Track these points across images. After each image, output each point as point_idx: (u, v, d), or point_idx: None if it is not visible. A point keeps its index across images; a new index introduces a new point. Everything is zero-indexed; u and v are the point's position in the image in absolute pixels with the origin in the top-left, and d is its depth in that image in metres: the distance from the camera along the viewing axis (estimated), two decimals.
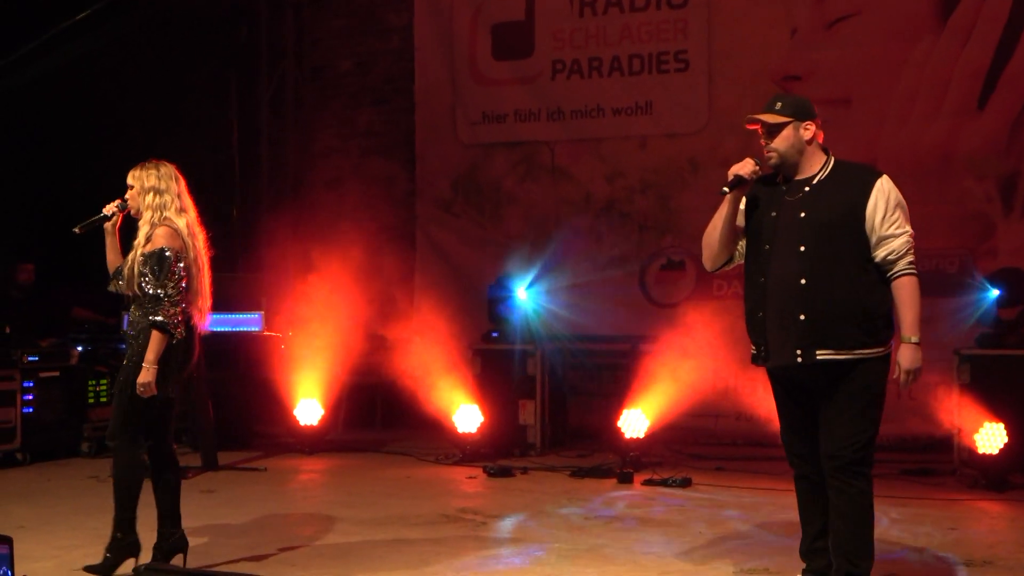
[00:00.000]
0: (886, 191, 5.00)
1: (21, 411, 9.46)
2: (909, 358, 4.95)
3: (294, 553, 6.45)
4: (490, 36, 11.89)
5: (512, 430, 10.01)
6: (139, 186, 5.88)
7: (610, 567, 6.07)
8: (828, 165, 5.12)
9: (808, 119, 5.11)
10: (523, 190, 11.77)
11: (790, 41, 10.63)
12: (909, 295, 4.93)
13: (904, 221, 4.97)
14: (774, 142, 5.12)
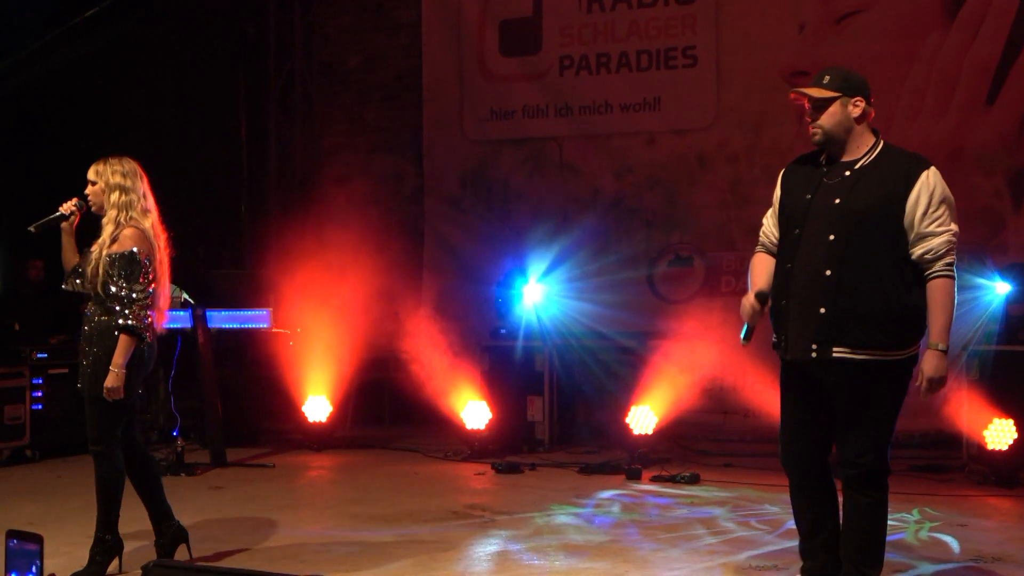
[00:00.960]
0: (932, 184, 4.69)
1: (30, 408, 9.48)
2: (933, 365, 4.67)
3: (303, 549, 6.46)
4: (498, 32, 11.87)
5: (520, 426, 10.01)
6: (103, 183, 5.82)
7: (618, 563, 6.07)
8: (876, 149, 4.82)
9: (858, 95, 4.84)
10: (531, 186, 11.76)
11: (798, 37, 10.60)
12: (942, 299, 4.65)
13: (948, 219, 4.68)
14: (820, 118, 4.85)
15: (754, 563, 6.03)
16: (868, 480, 4.77)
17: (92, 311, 5.86)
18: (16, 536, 2.83)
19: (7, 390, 9.36)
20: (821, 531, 4.99)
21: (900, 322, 4.66)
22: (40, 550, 2.84)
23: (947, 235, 4.67)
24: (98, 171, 5.85)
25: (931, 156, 4.98)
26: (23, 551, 2.76)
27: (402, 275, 12.31)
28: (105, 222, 5.81)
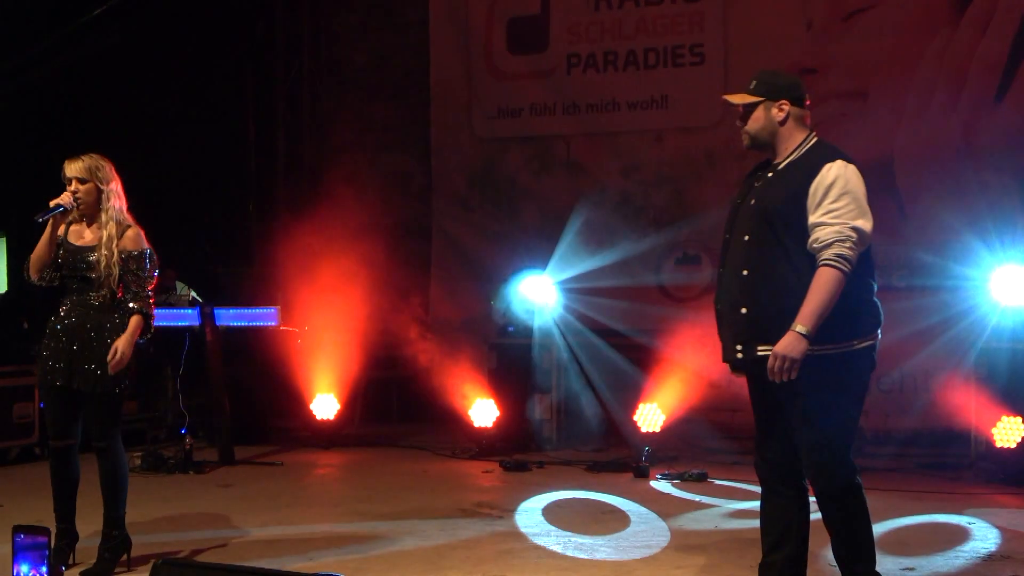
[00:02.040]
0: (831, 177, 4.58)
1: (39, 406, 9.50)
2: (785, 343, 4.48)
3: (311, 547, 6.47)
4: (506, 30, 11.87)
5: (528, 424, 10.01)
6: (96, 181, 5.84)
7: (626, 561, 6.07)
8: (801, 149, 4.77)
9: (783, 98, 4.78)
10: (539, 184, 11.76)
11: (806, 34, 10.58)
12: (818, 285, 4.48)
13: (848, 213, 4.53)
14: (747, 124, 4.84)
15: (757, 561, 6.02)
16: (825, 478, 4.65)
17: (85, 308, 5.83)
18: (23, 530, 2.85)
19: (16, 389, 9.39)
20: (785, 544, 4.83)
21: (838, 314, 4.53)
22: (48, 542, 2.85)
23: (840, 227, 4.51)
24: (90, 169, 5.85)
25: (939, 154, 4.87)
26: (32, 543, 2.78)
27: (410, 273, 12.33)
28: (105, 220, 5.83)
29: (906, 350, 9.65)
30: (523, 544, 6.52)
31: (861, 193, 4.62)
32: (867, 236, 4.58)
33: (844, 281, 4.50)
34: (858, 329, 4.62)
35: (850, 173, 4.64)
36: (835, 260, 4.49)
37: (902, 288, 10.00)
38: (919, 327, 9.64)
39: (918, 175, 10.08)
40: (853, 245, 4.52)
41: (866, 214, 4.60)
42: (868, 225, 4.59)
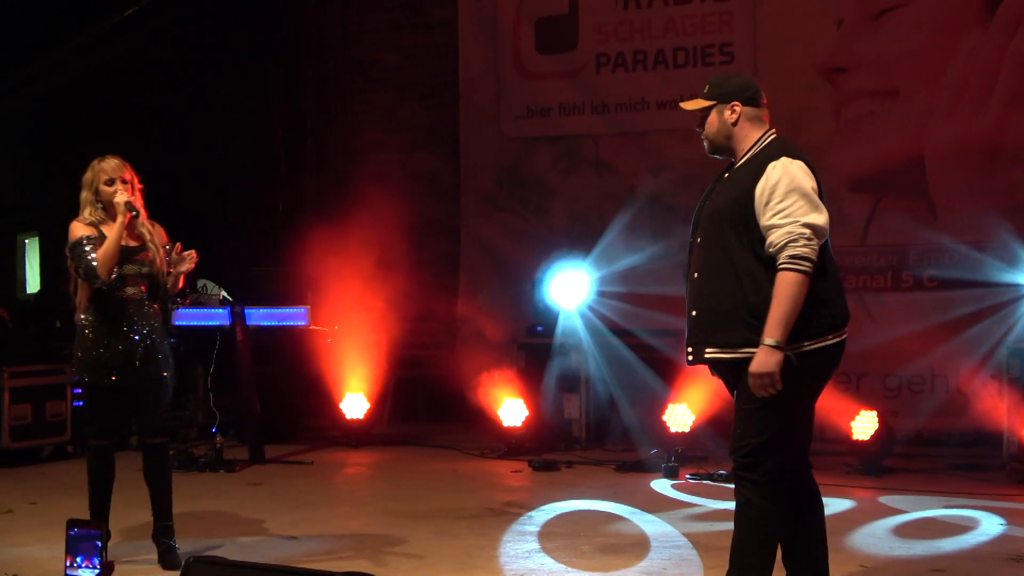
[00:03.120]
0: (776, 177, 4.49)
1: (72, 404, 9.57)
2: (757, 361, 4.42)
3: (340, 545, 6.49)
4: (534, 30, 11.87)
5: (557, 424, 10.02)
6: (135, 183, 5.95)
7: (655, 561, 6.07)
8: (756, 148, 4.69)
9: (733, 99, 4.72)
10: (567, 184, 11.76)
11: (836, 33, 10.54)
12: (778, 290, 4.40)
13: (796, 210, 4.44)
14: (704, 128, 4.82)
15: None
16: (739, 475, 4.59)
17: (139, 304, 5.92)
18: (77, 524, 2.88)
19: (48, 387, 9.44)
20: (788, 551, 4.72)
21: (761, 320, 4.44)
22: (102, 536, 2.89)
23: (789, 226, 4.42)
24: (130, 170, 5.93)
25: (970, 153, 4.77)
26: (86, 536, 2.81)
27: (438, 272, 12.35)
28: (142, 220, 5.92)
29: (936, 350, 9.62)
30: (552, 544, 6.52)
31: (810, 188, 4.51)
32: (822, 230, 4.47)
33: (806, 280, 4.41)
34: (805, 331, 4.48)
35: (795, 169, 4.53)
36: (790, 262, 4.41)
37: (932, 288, 9.97)
38: (950, 327, 9.60)
39: (949, 174, 10.03)
40: (807, 242, 4.42)
41: (817, 208, 4.48)
42: (821, 219, 4.47)
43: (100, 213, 5.93)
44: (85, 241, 5.82)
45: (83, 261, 5.79)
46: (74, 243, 5.85)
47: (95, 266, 5.77)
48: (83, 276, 5.84)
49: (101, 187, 5.92)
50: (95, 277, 5.79)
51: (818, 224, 4.45)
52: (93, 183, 5.95)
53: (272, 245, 12.78)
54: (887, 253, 10.20)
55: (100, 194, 5.93)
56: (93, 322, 5.91)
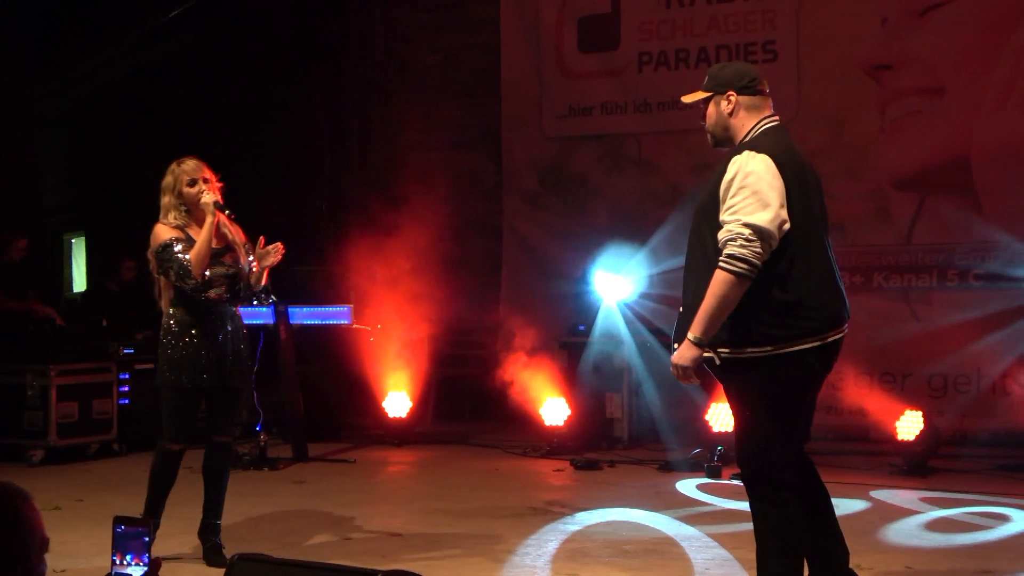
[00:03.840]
0: (731, 172, 4.37)
1: (117, 402, 9.66)
2: (678, 353, 4.43)
3: (382, 544, 6.51)
4: (576, 29, 11.86)
5: (599, 423, 10.00)
6: (214, 180, 5.99)
7: (698, 561, 6.04)
8: (746, 138, 4.56)
9: (728, 89, 4.60)
10: (609, 183, 11.74)
11: (881, 30, 10.46)
12: (710, 290, 4.32)
13: (741, 208, 4.30)
14: (705, 122, 4.71)
15: None
16: (748, 485, 4.59)
17: (222, 306, 5.99)
18: (124, 522, 2.89)
19: (95, 385, 9.54)
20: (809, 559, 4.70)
21: (741, 318, 4.37)
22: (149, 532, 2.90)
23: (731, 224, 4.30)
24: (210, 171, 5.99)
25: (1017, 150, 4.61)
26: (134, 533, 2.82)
27: (481, 272, 12.37)
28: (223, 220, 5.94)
29: (983, 350, 9.53)
30: (594, 543, 6.52)
31: (765, 184, 4.33)
32: (765, 231, 4.28)
33: (737, 282, 4.28)
34: (769, 335, 4.38)
35: (753, 164, 4.37)
36: (724, 261, 4.30)
37: (978, 286, 9.87)
38: (996, 326, 9.52)
39: (995, 172, 9.93)
40: (745, 243, 4.27)
41: (767, 207, 4.30)
42: (765, 218, 4.29)
43: (184, 216, 5.92)
44: (174, 242, 5.81)
45: (175, 262, 5.78)
46: (163, 246, 5.82)
47: (189, 267, 5.77)
48: (175, 278, 5.82)
49: (184, 189, 5.90)
50: (189, 277, 5.78)
51: (758, 224, 4.28)
52: (175, 186, 5.92)
53: (315, 245, 12.83)
54: (932, 252, 10.11)
55: (183, 196, 5.91)
56: (179, 325, 5.90)
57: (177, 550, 6.25)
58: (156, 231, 5.90)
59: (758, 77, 4.68)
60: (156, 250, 5.85)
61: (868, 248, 10.27)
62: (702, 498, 7.85)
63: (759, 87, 4.65)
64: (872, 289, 10.16)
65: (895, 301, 10.07)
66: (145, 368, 9.89)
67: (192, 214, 5.94)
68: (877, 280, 10.17)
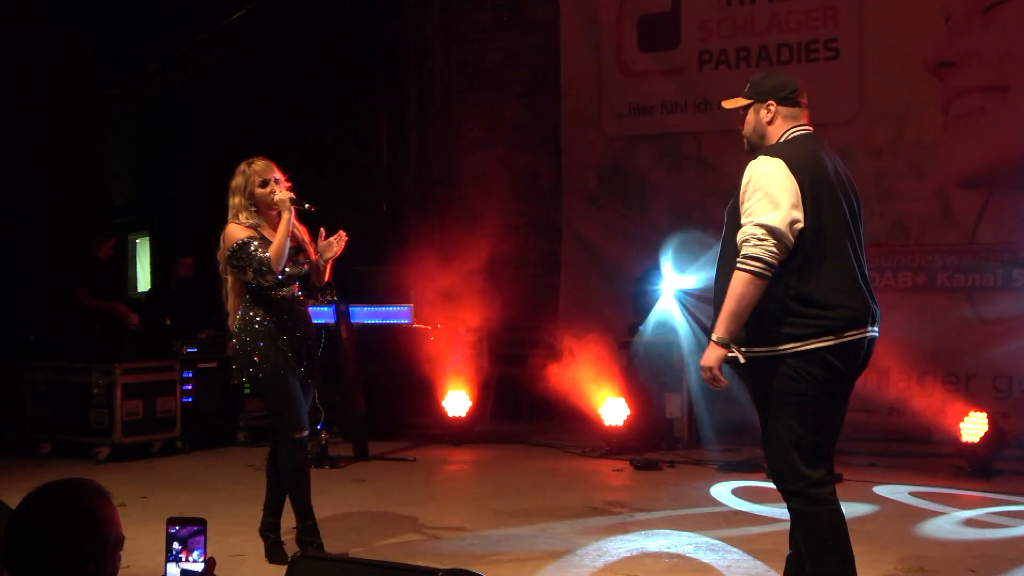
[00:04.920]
0: (748, 174, 4.54)
1: (181, 400, 9.77)
2: (704, 356, 4.57)
3: (442, 542, 6.54)
4: (636, 28, 11.82)
5: (659, 423, 9.97)
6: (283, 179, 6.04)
7: (759, 562, 6.01)
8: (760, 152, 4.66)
9: (770, 98, 4.72)
10: (669, 182, 11.70)
11: (944, 27, 10.33)
12: (729, 290, 4.44)
13: (755, 209, 4.44)
14: (743, 127, 4.83)
15: (903, 565, 5.93)
16: (780, 487, 4.60)
17: (299, 303, 6.04)
18: (178, 522, 2.93)
19: (159, 383, 9.65)
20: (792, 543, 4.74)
21: (759, 318, 4.46)
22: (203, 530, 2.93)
23: (747, 226, 4.43)
24: (279, 170, 6.04)
25: None
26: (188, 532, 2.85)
27: (540, 271, 12.38)
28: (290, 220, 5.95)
29: None
30: (654, 543, 6.51)
31: (776, 186, 4.45)
32: (776, 230, 4.39)
33: (753, 280, 4.39)
34: (789, 329, 4.46)
35: (767, 168, 4.51)
36: (741, 261, 4.42)
37: None
38: None
39: None
40: (759, 242, 4.38)
41: (778, 207, 4.41)
42: (776, 218, 4.40)
43: (255, 216, 5.95)
44: (249, 240, 5.84)
45: (254, 260, 5.80)
46: (240, 244, 5.84)
47: (269, 263, 5.79)
48: (252, 275, 5.83)
49: (256, 190, 5.94)
50: (269, 273, 5.80)
51: (769, 224, 4.39)
52: (246, 187, 5.95)
53: (376, 244, 12.92)
54: (997, 251, 9.97)
55: (254, 197, 5.94)
56: (255, 324, 5.91)
57: (239, 548, 6.31)
58: (229, 231, 5.91)
59: (799, 89, 4.80)
60: (232, 248, 5.86)
61: (932, 247, 10.15)
62: (762, 498, 7.79)
63: (799, 99, 4.78)
64: (936, 289, 10.05)
65: (959, 301, 9.94)
66: (208, 367, 10.02)
67: (262, 213, 5.97)
68: (941, 280, 10.05)
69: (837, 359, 4.49)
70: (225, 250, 5.91)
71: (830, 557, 4.52)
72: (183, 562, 2.89)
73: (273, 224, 5.95)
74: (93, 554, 2.69)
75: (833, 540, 4.53)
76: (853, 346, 4.52)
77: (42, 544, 2.67)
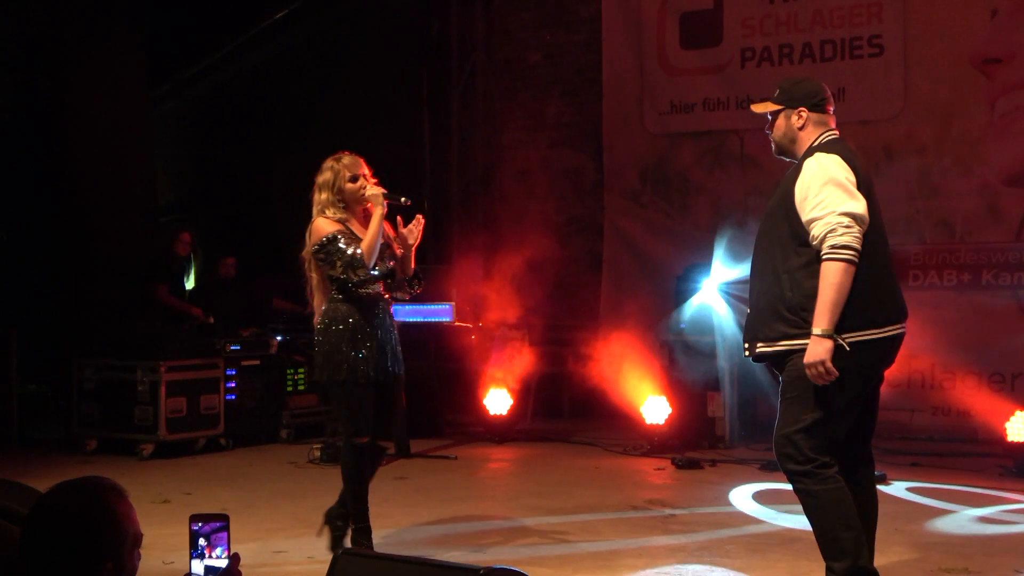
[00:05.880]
0: (811, 171, 4.70)
1: (224, 398, 9.83)
2: (809, 351, 4.60)
3: (483, 540, 6.55)
4: (678, 25, 11.79)
5: (700, 422, 9.92)
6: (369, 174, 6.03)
7: (801, 562, 5.98)
8: (810, 146, 4.87)
9: (801, 105, 4.93)
10: (711, 180, 11.66)
11: (990, 23, 10.24)
12: (823, 281, 4.57)
13: (831, 201, 4.60)
14: (772, 131, 5.04)
15: (946, 566, 5.88)
16: (785, 467, 4.77)
17: (383, 301, 6.03)
18: (200, 519, 2.92)
19: (203, 381, 9.71)
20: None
21: (797, 312, 4.67)
22: (226, 526, 2.92)
23: (827, 217, 4.59)
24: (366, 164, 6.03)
25: None
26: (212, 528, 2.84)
27: (582, 269, 12.37)
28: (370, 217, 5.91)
29: None
30: (696, 542, 6.49)
31: (843, 178, 4.65)
32: (861, 218, 4.60)
33: (846, 268, 4.55)
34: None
35: (828, 162, 4.69)
36: (830, 251, 4.56)
37: None
38: None
39: None
40: (846, 229, 4.56)
41: (855, 196, 4.62)
42: (859, 207, 4.61)
43: (343, 212, 5.92)
44: (339, 235, 5.79)
45: (344, 255, 5.74)
46: (328, 239, 5.77)
47: (361, 258, 5.74)
48: (341, 270, 5.77)
49: (345, 185, 5.90)
50: (360, 268, 5.75)
51: (855, 212, 4.59)
52: (334, 183, 5.90)
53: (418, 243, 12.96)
54: None
55: (344, 192, 5.90)
56: (342, 322, 5.86)
57: (282, 545, 6.34)
58: (317, 226, 5.85)
59: (828, 97, 5.00)
60: (320, 243, 5.79)
61: (977, 245, 10.06)
62: None
63: (827, 105, 4.97)
64: (981, 287, 9.95)
65: (1005, 299, 9.84)
66: (251, 364, 10.08)
67: (349, 209, 5.95)
68: (986, 278, 9.96)
69: (873, 353, 4.69)
70: (312, 245, 5.84)
71: (845, 533, 4.67)
72: (207, 558, 2.88)
73: (360, 219, 5.93)
74: (111, 553, 2.66)
75: (847, 516, 4.69)
76: (888, 341, 4.74)
77: (60, 544, 2.65)
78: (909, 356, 9.58)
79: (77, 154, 11.97)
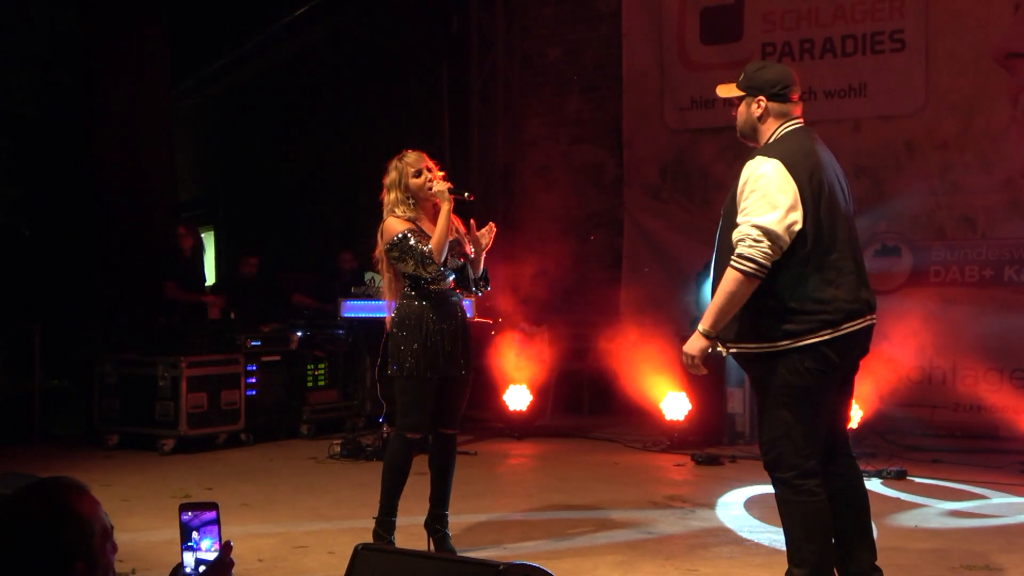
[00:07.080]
0: (745, 175, 4.60)
1: (245, 393, 9.86)
2: (689, 343, 4.68)
3: (504, 535, 6.56)
4: (699, 20, 11.76)
5: (720, 418, 9.91)
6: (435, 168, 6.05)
7: None
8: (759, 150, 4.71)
9: (760, 93, 4.74)
10: (732, 175, 11.43)
11: (1013, 17, 10.17)
12: (721, 286, 4.56)
13: (752, 209, 4.51)
14: (736, 115, 4.89)
15: (966, 563, 5.85)
16: (771, 474, 4.73)
17: (449, 295, 6.02)
18: (190, 508, 2.88)
19: (224, 376, 9.74)
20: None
21: (755, 315, 4.58)
22: (216, 517, 2.89)
23: (744, 226, 4.51)
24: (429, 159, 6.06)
25: None
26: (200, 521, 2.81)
27: (602, 265, 12.37)
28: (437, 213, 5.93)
29: None
30: (715, 538, 6.48)
31: (773, 187, 4.50)
32: (772, 232, 4.46)
33: (745, 280, 4.47)
34: (781, 331, 4.55)
35: (764, 168, 4.54)
36: (735, 260, 4.49)
37: None
38: None
39: None
40: (754, 243, 4.46)
41: (775, 209, 4.48)
42: (773, 220, 4.47)
43: (412, 210, 5.94)
44: (409, 233, 5.82)
45: (416, 252, 5.78)
46: (400, 238, 5.81)
47: (431, 255, 5.77)
48: (413, 267, 5.81)
49: (411, 181, 5.94)
50: (431, 264, 5.79)
51: (766, 226, 4.45)
52: (401, 180, 5.95)
53: None
54: None
55: (410, 189, 5.94)
56: (414, 317, 5.89)
57: (302, 540, 6.37)
58: (388, 225, 5.89)
59: (791, 84, 4.79)
60: (392, 242, 5.83)
61: (1000, 241, 10.01)
62: None
63: (790, 95, 4.77)
64: (1003, 283, 9.90)
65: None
66: (272, 360, 10.11)
67: (419, 206, 5.97)
68: (1008, 273, 9.91)
69: (834, 352, 4.59)
70: (384, 244, 5.89)
71: (809, 545, 4.64)
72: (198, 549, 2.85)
73: (430, 216, 5.96)
74: (80, 552, 2.56)
75: (813, 530, 4.64)
76: (850, 337, 4.62)
77: (22, 553, 2.54)
78: (931, 352, 9.55)
79: (100, 151, 12.02)
